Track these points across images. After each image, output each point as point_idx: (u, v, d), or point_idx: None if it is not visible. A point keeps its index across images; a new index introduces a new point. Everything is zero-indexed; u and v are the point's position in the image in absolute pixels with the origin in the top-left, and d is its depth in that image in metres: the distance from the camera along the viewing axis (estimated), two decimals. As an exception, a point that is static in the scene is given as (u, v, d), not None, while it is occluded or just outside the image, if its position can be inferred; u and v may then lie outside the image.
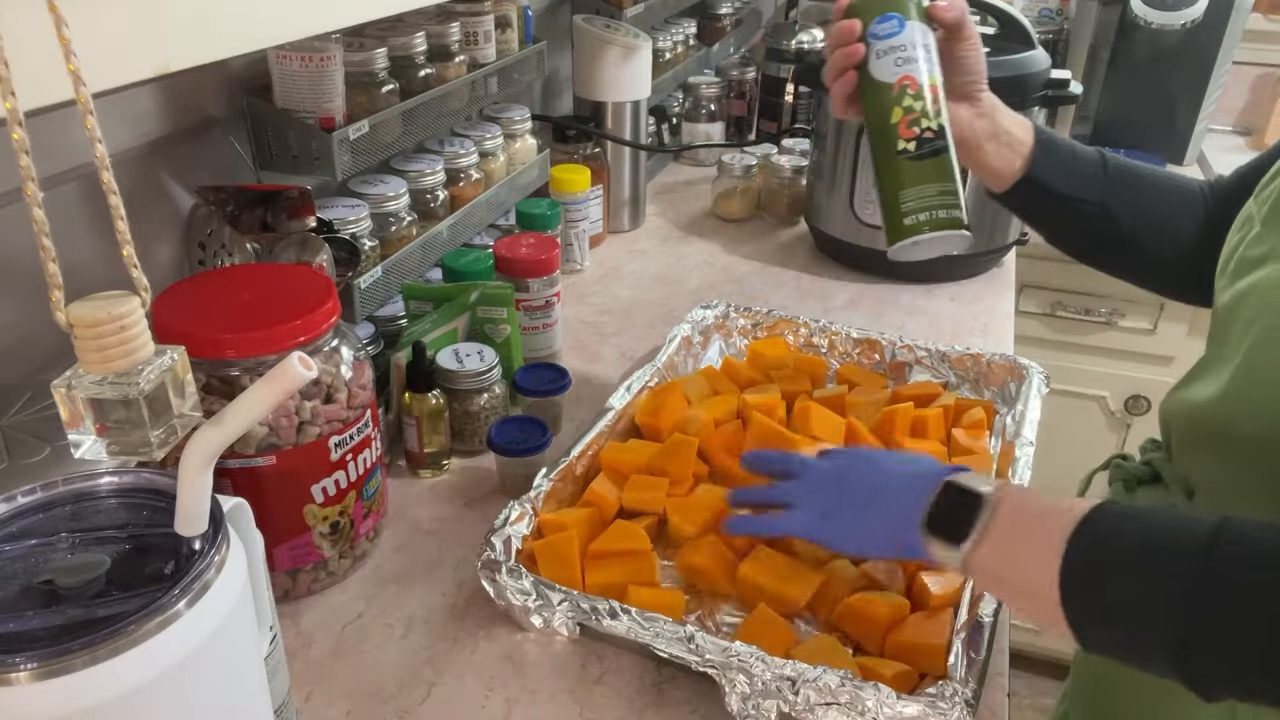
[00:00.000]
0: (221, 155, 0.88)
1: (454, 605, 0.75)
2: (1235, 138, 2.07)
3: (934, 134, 0.72)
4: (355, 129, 0.87)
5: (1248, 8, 1.77)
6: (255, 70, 0.90)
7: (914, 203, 0.73)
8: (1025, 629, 1.95)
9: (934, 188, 0.73)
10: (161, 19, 0.40)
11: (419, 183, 1.03)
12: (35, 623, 0.39)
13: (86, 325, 0.38)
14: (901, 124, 0.73)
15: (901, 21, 0.73)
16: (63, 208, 0.73)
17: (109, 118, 0.77)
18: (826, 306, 1.26)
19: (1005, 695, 0.69)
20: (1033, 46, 1.23)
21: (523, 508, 0.77)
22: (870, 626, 0.71)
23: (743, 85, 1.82)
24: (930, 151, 0.73)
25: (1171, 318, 1.70)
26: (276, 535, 0.70)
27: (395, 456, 0.92)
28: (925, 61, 0.73)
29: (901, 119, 0.73)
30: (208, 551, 0.43)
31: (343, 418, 0.70)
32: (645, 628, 0.66)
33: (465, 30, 1.07)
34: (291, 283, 0.70)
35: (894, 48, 0.73)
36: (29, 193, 0.35)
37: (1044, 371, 0.99)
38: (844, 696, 0.60)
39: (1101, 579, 0.52)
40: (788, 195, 1.51)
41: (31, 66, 0.34)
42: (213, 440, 0.42)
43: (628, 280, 1.33)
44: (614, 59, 1.35)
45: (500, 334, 0.99)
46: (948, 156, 0.73)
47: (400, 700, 0.67)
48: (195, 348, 0.52)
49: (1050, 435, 1.25)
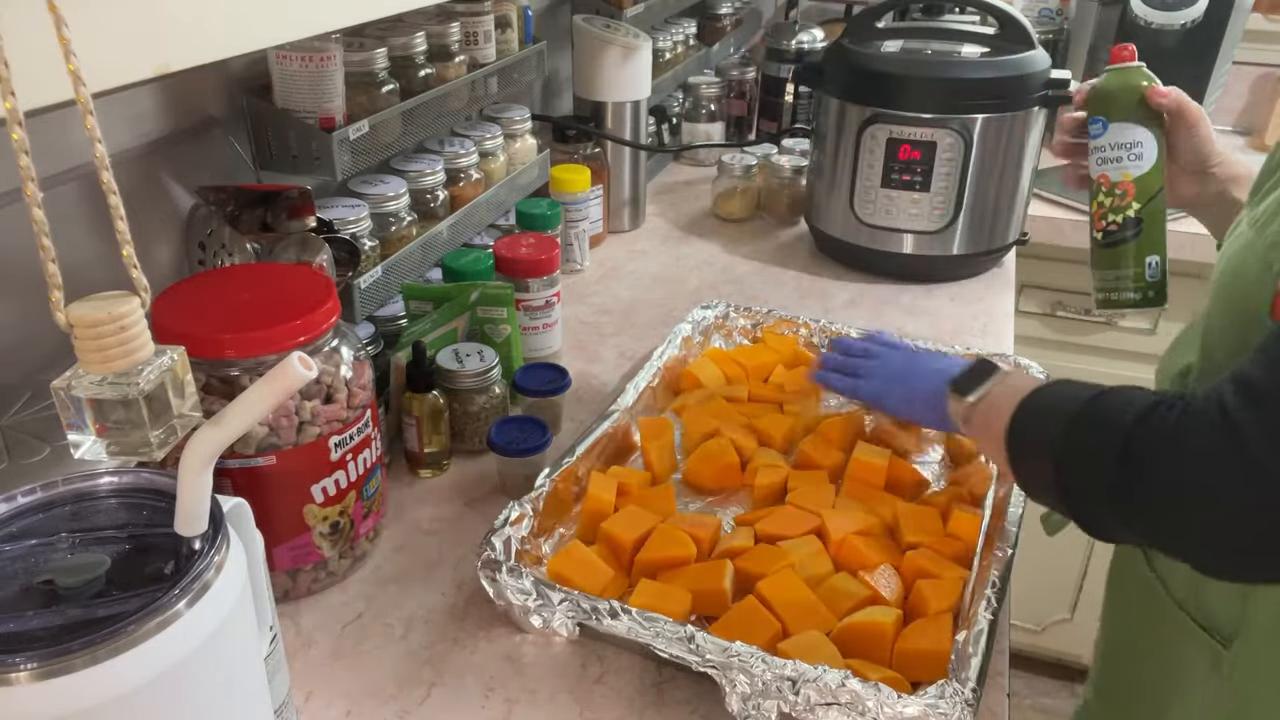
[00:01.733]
0: (221, 155, 0.88)
1: (454, 605, 0.75)
2: (1235, 138, 2.07)
3: (1118, 227, 0.87)
4: (355, 129, 0.87)
5: (1248, 8, 1.77)
6: (255, 70, 0.90)
7: (1101, 281, 0.90)
8: (1025, 629, 1.95)
9: (1114, 273, 0.88)
10: (161, 19, 0.40)
11: (419, 183, 1.03)
12: (35, 623, 0.39)
13: (86, 325, 0.38)
14: (1096, 215, 0.88)
15: (1105, 125, 0.87)
16: (63, 208, 0.73)
17: (109, 118, 0.77)
18: (826, 306, 1.26)
19: (1005, 695, 0.69)
20: (1033, 46, 1.23)
21: (523, 508, 0.77)
22: (876, 640, 0.69)
23: (743, 85, 1.82)
24: (1115, 241, 0.87)
25: (1172, 318, 1.69)
26: (276, 535, 0.70)
27: (395, 456, 0.92)
28: (1126, 160, 0.86)
29: (1096, 211, 0.88)
30: (208, 551, 0.43)
31: (343, 418, 0.70)
32: (645, 628, 0.66)
33: (465, 30, 1.07)
34: (291, 283, 0.70)
35: (1097, 148, 0.88)
36: (29, 193, 0.35)
37: (1044, 372, 0.99)
38: (844, 696, 0.60)
39: (1023, 424, 0.64)
40: (788, 195, 1.51)
41: (31, 66, 0.34)
42: (213, 440, 0.42)
43: (628, 280, 1.33)
44: (614, 59, 1.35)
45: (500, 334, 0.99)
46: (1131, 245, 0.87)
47: (400, 700, 0.67)
48: (195, 348, 0.52)
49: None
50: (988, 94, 1.20)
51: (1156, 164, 0.86)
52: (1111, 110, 0.88)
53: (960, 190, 1.24)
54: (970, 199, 1.25)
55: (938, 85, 1.21)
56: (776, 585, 0.73)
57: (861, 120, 1.24)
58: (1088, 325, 1.74)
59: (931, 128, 1.21)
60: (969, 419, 0.73)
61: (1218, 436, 0.52)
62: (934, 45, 1.28)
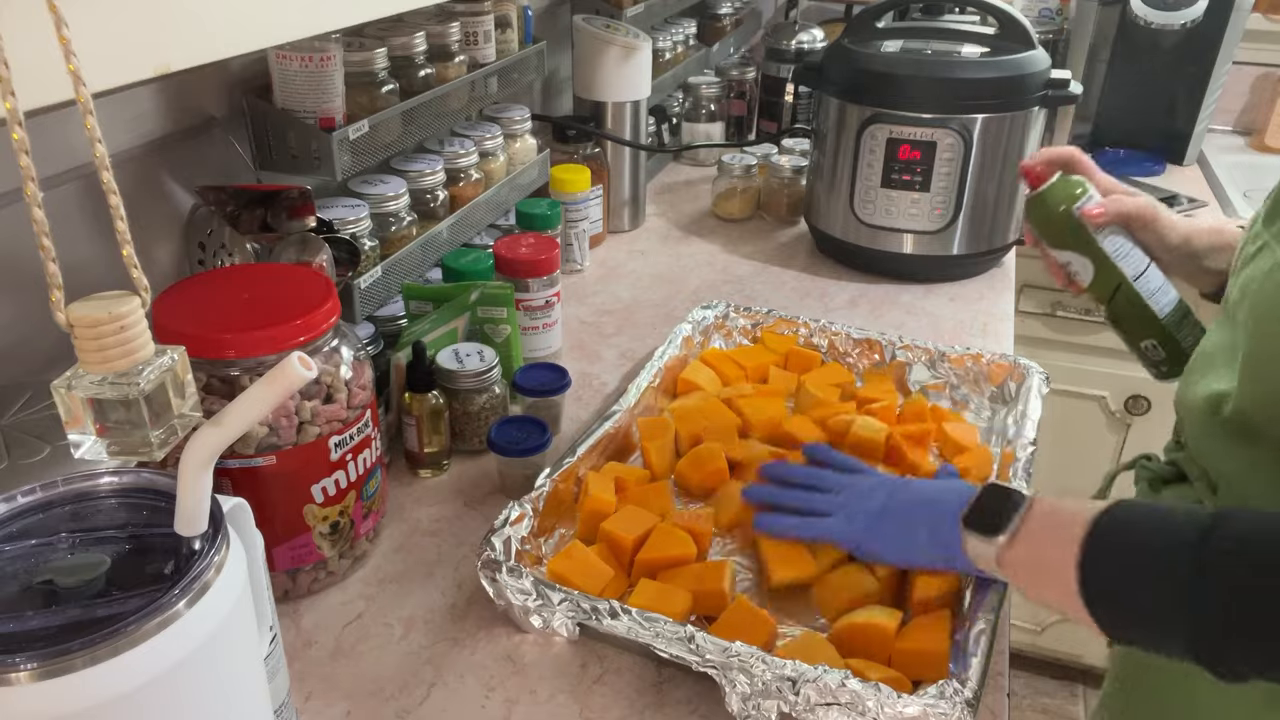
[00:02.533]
0: (221, 155, 0.88)
1: (454, 605, 0.75)
2: (1235, 138, 2.07)
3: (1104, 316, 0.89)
4: (355, 129, 0.87)
5: (1248, 8, 1.77)
6: (255, 70, 0.90)
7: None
8: (1025, 629, 1.95)
9: (1125, 343, 0.90)
10: (161, 19, 0.41)
11: (419, 183, 1.03)
12: (35, 623, 0.39)
13: (86, 325, 0.38)
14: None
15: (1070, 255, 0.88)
16: (63, 208, 0.73)
17: (109, 118, 0.77)
18: (826, 306, 1.26)
19: (1005, 695, 0.69)
20: (1033, 46, 1.24)
21: (523, 508, 0.76)
22: (877, 639, 0.69)
23: (743, 85, 1.82)
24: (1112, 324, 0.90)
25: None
26: (276, 535, 0.70)
27: (395, 456, 0.92)
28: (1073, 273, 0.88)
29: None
30: (208, 552, 0.43)
31: (343, 418, 0.70)
32: (645, 628, 0.66)
33: (465, 30, 1.07)
34: (291, 283, 0.70)
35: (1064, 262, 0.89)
36: (29, 193, 0.35)
37: (1044, 371, 0.99)
38: (844, 696, 0.60)
39: (1114, 574, 0.56)
40: (788, 195, 1.51)
41: (31, 66, 0.34)
42: (213, 440, 0.42)
43: (628, 280, 1.33)
44: (614, 59, 1.35)
45: (500, 334, 0.99)
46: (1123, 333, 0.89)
47: (400, 700, 0.67)
48: (195, 348, 0.52)
49: (1051, 435, 1.25)
50: (988, 94, 1.20)
51: (1096, 276, 0.86)
52: (1042, 235, 0.88)
53: (960, 190, 1.24)
54: (970, 199, 1.25)
55: (938, 85, 1.21)
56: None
57: (861, 120, 1.24)
58: (1088, 325, 1.74)
59: (931, 128, 1.21)
60: (1004, 562, 0.63)
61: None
62: (934, 45, 1.28)
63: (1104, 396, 1.78)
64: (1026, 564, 0.62)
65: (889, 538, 0.73)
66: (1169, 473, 0.78)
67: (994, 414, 1.00)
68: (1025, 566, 0.62)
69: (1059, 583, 0.58)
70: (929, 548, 0.70)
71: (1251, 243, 0.69)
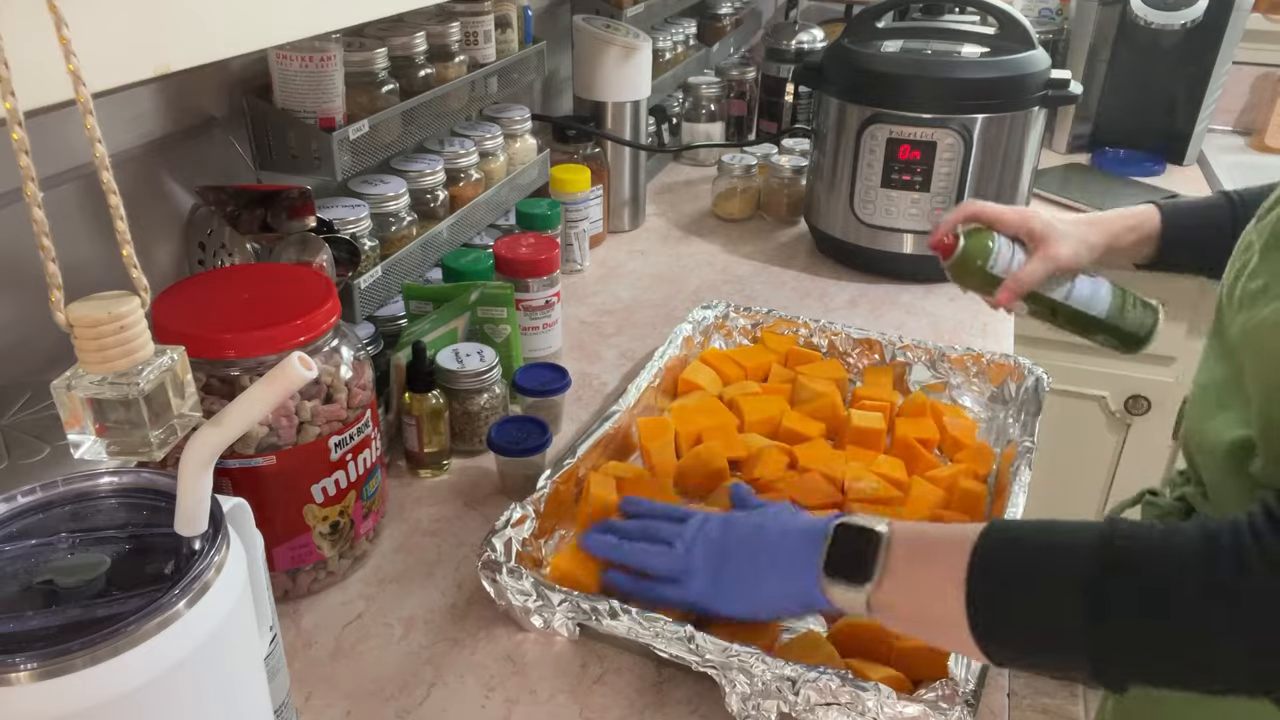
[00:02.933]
0: (221, 155, 0.88)
1: (454, 605, 0.75)
2: (1235, 138, 2.07)
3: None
4: (355, 129, 0.87)
5: (1248, 8, 1.77)
6: (255, 70, 0.90)
7: None
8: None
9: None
10: (161, 19, 0.41)
11: (419, 183, 1.03)
12: (35, 623, 0.39)
13: (86, 325, 0.38)
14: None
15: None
16: (63, 208, 0.73)
17: (109, 118, 0.77)
18: (826, 306, 1.26)
19: (1005, 695, 0.69)
20: (1033, 46, 1.23)
21: (524, 510, 0.76)
22: (877, 639, 0.69)
23: (743, 85, 1.82)
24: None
25: (1172, 317, 1.69)
26: (276, 535, 0.70)
27: (395, 456, 0.92)
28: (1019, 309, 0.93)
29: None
30: (208, 552, 0.43)
31: (343, 418, 0.70)
32: (645, 628, 0.66)
33: (465, 30, 1.07)
34: (291, 283, 0.70)
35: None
36: (29, 193, 0.35)
37: (1044, 371, 0.99)
38: (844, 697, 0.60)
39: (1007, 598, 0.53)
40: (788, 195, 1.51)
41: (31, 66, 0.34)
42: (213, 440, 0.42)
43: (628, 280, 1.33)
44: (614, 59, 1.35)
45: (500, 334, 0.99)
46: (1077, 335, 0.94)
47: (400, 700, 0.67)
48: (195, 348, 0.52)
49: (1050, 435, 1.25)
50: (988, 94, 1.20)
51: (1031, 308, 0.92)
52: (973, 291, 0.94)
53: (960, 190, 1.24)
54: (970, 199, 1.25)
55: (938, 85, 1.21)
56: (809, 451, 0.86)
57: (861, 120, 1.24)
58: (1088, 325, 1.74)
59: (931, 128, 1.21)
60: (877, 606, 0.58)
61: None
62: (934, 45, 1.28)
63: (1104, 396, 1.78)
64: (900, 605, 0.58)
65: (735, 596, 0.67)
66: (1178, 509, 0.74)
67: (994, 414, 1.00)
68: (899, 608, 0.58)
69: (939, 617, 0.55)
70: (781, 599, 0.65)
71: (1251, 279, 0.63)
